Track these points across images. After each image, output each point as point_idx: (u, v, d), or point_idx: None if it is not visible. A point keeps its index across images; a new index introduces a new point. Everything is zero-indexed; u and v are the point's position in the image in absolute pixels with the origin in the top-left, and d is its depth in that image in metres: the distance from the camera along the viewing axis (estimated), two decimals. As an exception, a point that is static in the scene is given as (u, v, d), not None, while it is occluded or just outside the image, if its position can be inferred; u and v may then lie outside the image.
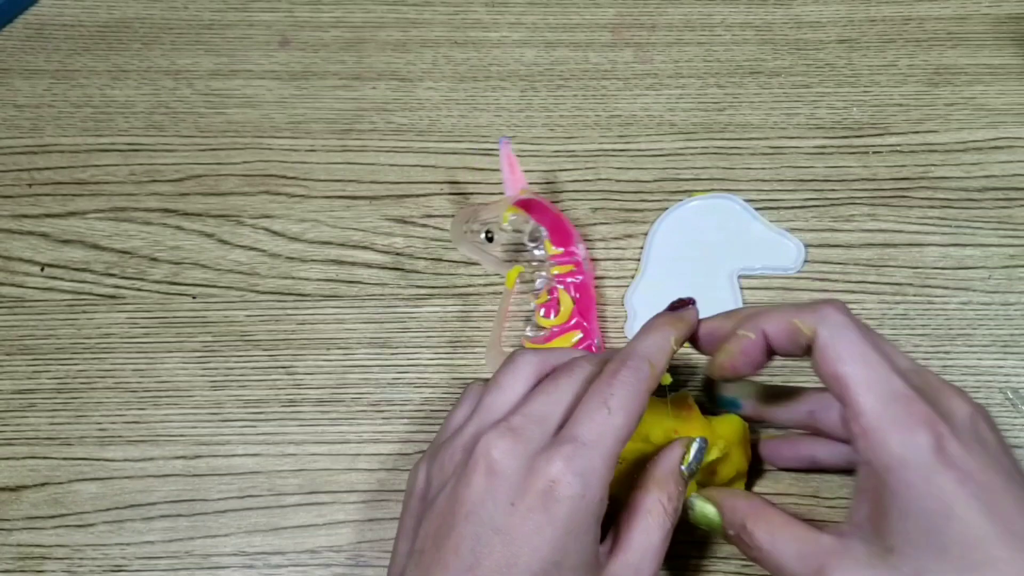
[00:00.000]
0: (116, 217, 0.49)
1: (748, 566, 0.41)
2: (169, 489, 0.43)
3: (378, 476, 0.43)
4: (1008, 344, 0.44)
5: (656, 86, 0.52)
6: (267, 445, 0.44)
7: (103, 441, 0.44)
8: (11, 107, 0.52)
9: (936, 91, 0.51)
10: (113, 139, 0.51)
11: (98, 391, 0.45)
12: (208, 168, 0.50)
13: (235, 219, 0.49)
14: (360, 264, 0.48)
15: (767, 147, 0.50)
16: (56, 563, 0.41)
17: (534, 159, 0.50)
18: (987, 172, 0.49)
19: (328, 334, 0.46)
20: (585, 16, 0.55)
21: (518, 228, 0.46)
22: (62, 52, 0.54)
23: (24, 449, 0.44)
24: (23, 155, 0.51)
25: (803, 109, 0.51)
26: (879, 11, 0.54)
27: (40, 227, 0.49)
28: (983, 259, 0.47)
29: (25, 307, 0.47)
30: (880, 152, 0.50)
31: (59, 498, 0.43)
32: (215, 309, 0.47)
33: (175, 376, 0.45)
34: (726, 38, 0.54)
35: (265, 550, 0.42)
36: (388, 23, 0.55)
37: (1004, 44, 0.53)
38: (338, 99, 0.52)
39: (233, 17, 0.55)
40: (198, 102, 0.52)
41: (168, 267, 0.48)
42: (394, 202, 0.49)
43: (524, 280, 0.46)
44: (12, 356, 0.46)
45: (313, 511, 0.42)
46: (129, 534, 0.42)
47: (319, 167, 0.50)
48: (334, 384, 0.45)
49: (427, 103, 0.52)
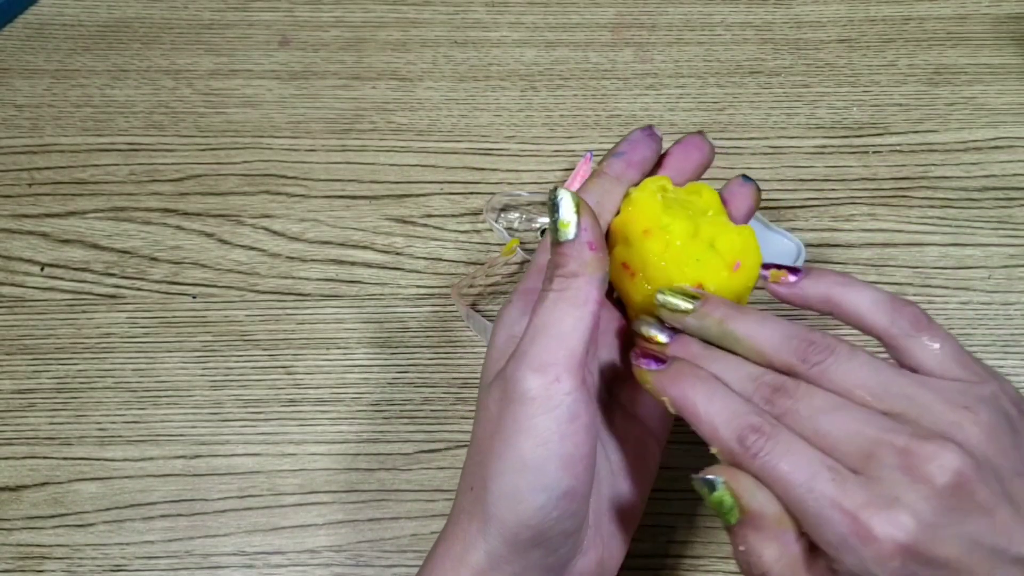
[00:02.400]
0: (116, 217, 0.49)
1: (748, 566, 0.41)
2: (169, 489, 0.43)
3: (378, 476, 0.43)
4: (1008, 344, 0.44)
5: (656, 86, 0.52)
6: (267, 445, 0.44)
7: (103, 441, 0.44)
8: (11, 107, 0.52)
9: (936, 91, 0.51)
10: (113, 139, 0.51)
11: (98, 391, 0.45)
12: (208, 168, 0.50)
13: (235, 219, 0.49)
14: (360, 264, 0.48)
15: (767, 147, 0.50)
16: (56, 563, 0.41)
17: (534, 159, 0.50)
18: (987, 172, 0.49)
19: (328, 334, 0.46)
20: (585, 16, 0.55)
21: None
22: (62, 52, 0.54)
23: (24, 449, 0.44)
24: (23, 155, 0.51)
25: (803, 109, 0.51)
26: (879, 11, 0.54)
27: (40, 227, 0.49)
28: (983, 259, 0.47)
29: (25, 307, 0.47)
30: (880, 152, 0.50)
31: (59, 498, 0.43)
32: (215, 309, 0.47)
33: (175, 376, 0.45)
34: (726, 38, 0.54)
35: (265, 550, 0.42)
36: (388, 23, 0.55)
37: (1004, 44, 0.53)
38: (338, 99, 0.52)
39: (233, 17, 0.55)
40: (198, 102, 0.52)
41: (168, 267, 0.48)
42: (394, 202, 0.49)
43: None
44: (12, 356, 0.46)
45: (313, 511, 0.42)
46: (129, 534, 0.42)
47: (319, 167, 0.50)
48: (334, 384, 0.45)
49: (427, 103, 0.52)
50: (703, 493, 0.28)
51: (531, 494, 0.28)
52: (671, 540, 0.41)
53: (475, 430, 0.31)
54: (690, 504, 0.41)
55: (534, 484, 0.28)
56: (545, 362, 0.29)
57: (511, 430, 0.29)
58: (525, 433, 0.28)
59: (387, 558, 0.41)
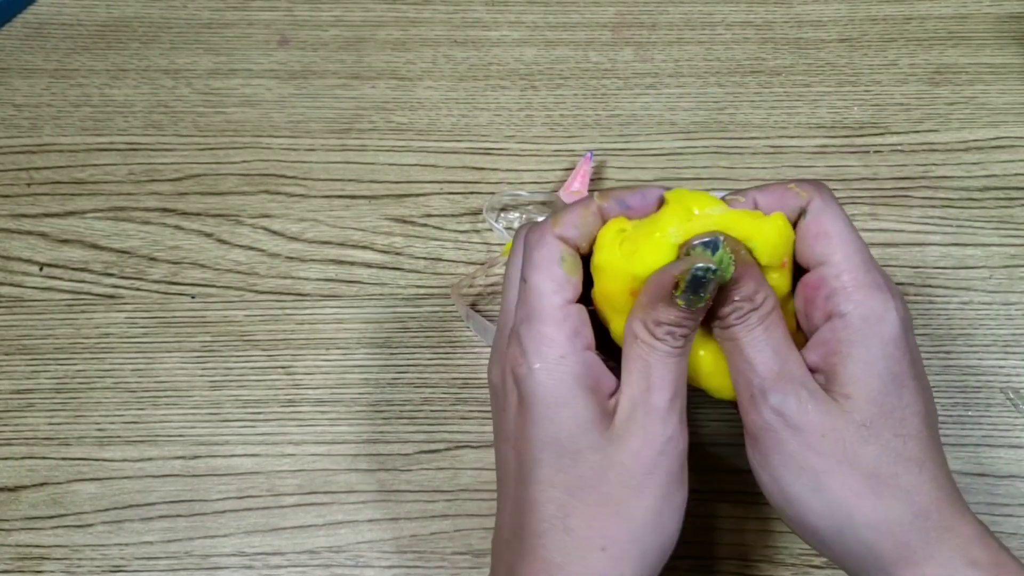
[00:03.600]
0: (115, 217, 0.49)
1: (748, 566, 0.41)
2: (168, 489, 0.43)
3: (378, 476, 0.43)
4: (1009, 344, 0.44)
5: (656, 85, 0.52)
6: (266, 445, 0.44)
7: (102, 441, 0.44)
8: (10, 106, 0.52)
9: (937, 90, 0.51)
10: (112, 138, 0.51)
11: (97, 391, 0.45)
12: (207, 167, 0.50)
13: (234, 219, 0.49)
14: (360, 264, 0.48)
15: (768, 146, 0.50)
16: (55, 563, 0.41)
17: (534, 159, 0.50)
18: (988, 172, 0.49)
19: (327, 334, 0.46)
20: (585, 15, 0.54)
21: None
22: (61, 51, 0.54)
23: (23, 449, 0.44)
24: (22, 154, 0.51)
25: (804, 108, 0.51)
26: (880, 10, 0.54)
27: (39, 227, 0.49)
28: (984, 259, 0.46)
29: (24, 307, 0.47)
30: (881, 151, 0.49)
31: (58, 498, 0.43)
32: (214, 309, 0.47)
33: (174, 376, 0.45)
34: (727, 37, 0.53)
35: (264, 550, 0.42)
36: (387, 22, 0.55)
37: (1005, 43, 0.53)
38: (337, 98, 0.52)
39: (232, 16, 0.55)
40: (197, 101, 0.52)
41: (167, 267, 0.48)
42: (394, 202, 0.49)
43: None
44: (11, 356, 0.46)
45: (312, 511, 0.42)
46: (128, 534, 0.42)
47: (318, 166, 0.50)
48: (333, 384, 0.45)
49: (427, 102, 0.52)
50: (704, 256, 0.31)
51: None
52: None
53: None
54: (690, 504, 0.41)
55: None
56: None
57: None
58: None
59: (387, 559, 0.41)
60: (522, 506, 0.31)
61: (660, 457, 0.31)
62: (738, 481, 0.42)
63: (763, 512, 0.42)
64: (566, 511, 0.30)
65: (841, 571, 0.33)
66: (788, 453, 0.31)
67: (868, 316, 0.31)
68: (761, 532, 0.41)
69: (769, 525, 0.42)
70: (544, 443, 0.31)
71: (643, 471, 0.31)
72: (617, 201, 0.33)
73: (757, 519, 0.42)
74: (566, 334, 0.31)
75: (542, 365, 0.31)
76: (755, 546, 0.41)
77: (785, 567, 0.41)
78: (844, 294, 0.31)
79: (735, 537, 0.41)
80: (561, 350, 0.31)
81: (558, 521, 0.30)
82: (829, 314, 0.32)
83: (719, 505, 0.42)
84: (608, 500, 0.30)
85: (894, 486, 0.30)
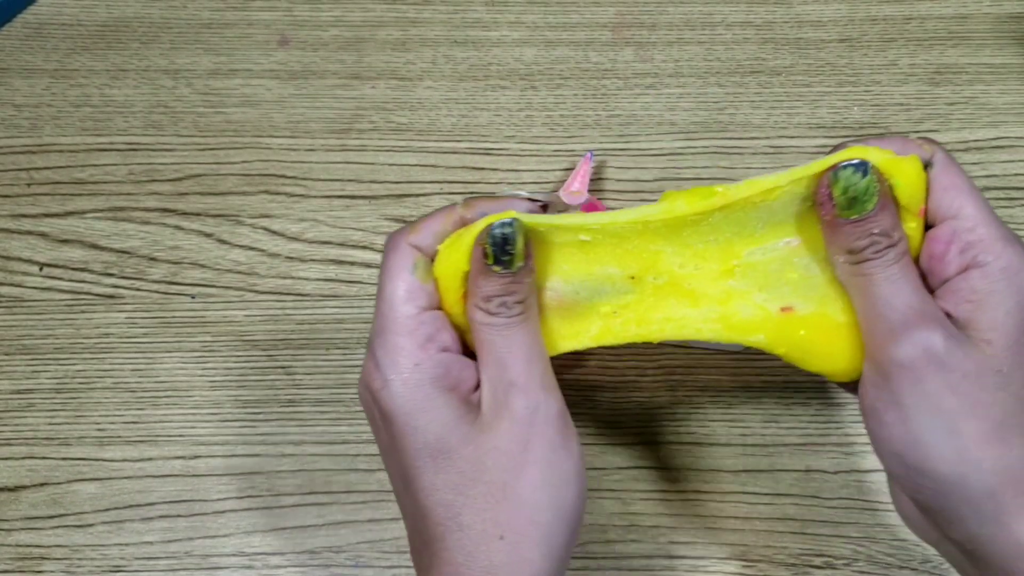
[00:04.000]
0: (115, 217, 0.49)
1: (748, 566, 0.41)
2: (168, 489, 0.43)
3: (377, 476, 0.43)
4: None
5: (656, 85, 0.52)
6: (266, 445, 0.44)
7: (102, 441, 0.44)
8: (10, 107, 0.52)
9: (937, 90, 0.51)
10: (112, 139, 0.51)
11: (97, 391, 0.45)
12: (207, 168, 0.50)
13: (234, 219, 0.49)
14: (360, 264, 0.48)
15: (768, 146, 0.50)
16: (55, 563, 0.41)
17: (534, 159, 0.50)
18: (988, 172, 0.49)
19: (327, 334, 0.46)
20: (585, 15, 0.54)
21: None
22: (61, 51, 0.54)
23: (23, 449, 0.44)
24: (22, 155, 0.51)
25: (804, 108, 0.51)
26: (880, 10, 0.54)
27: (39, 227, 0.49)
28: (984, 259, 0.46)
29: (24, 307, 0.47)
30: (881, 151, 0.49)
31: (58, 498, 0.43)
32: (214, 309, 0.47)
33: (174, 376, 0.45)
34: (727, 37, 0.53)
35: (264, 550, 0.41)
36: (387, 22, 0.55)
37: (1005, 43, 0.53)
38: (337, 99, 0.52)
39: (232, 16, 0.55)
40: (197, 101, 0.52)
41: (167, 267, 0.48)
42: (394, 202, 0.49)
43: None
44: (11, 356, 0.46)
45: (312, 511, 0.42)
46: (128, 534, 0.42)
47: (318, 167, 0.50)
48: (333, 384, 0.45)
49: (427, 103, 0.52)
50: (853, 180, 0.30)
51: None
52: (672, 541, 0.41)
53: None
54: (690, 504, 0.41)
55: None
56: None
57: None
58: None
59: (387, 559, 0.41)
60: (416, 515, 0.31)
61: (531, 429, 0.31)
62: (738, 481, 0.42)
63: (763, 512, 0.42)
64: (456, 510, 0.30)
65: (842, 573, 0.33)
66: (925, 392, 0.30)
67: (1007, 267, 0.31)
68: (761, 532, 0.41)
69: (769, 525, 0.42)
70: (416, 451, 0.31)
71: (518, 449, 0.30)
72: (480, 212, 0.33)
73: (757, 519, 0.42)
74: (418, 341, 0.31)
75: (396, 376, 0.31)
76: (755, 546, 0.41)
77: (785, 567, 0.41)
78: (982, 246, 0.31)
79: (735, 537, 0.41)
80: (415, 358, 0.31)
81: (451, 522, 0.30)
82: (966, 266, 0.32)
83: (719, 505, 0.42)
84: (493, 488, 0.30)
85: (1021, 435, 0.30)
